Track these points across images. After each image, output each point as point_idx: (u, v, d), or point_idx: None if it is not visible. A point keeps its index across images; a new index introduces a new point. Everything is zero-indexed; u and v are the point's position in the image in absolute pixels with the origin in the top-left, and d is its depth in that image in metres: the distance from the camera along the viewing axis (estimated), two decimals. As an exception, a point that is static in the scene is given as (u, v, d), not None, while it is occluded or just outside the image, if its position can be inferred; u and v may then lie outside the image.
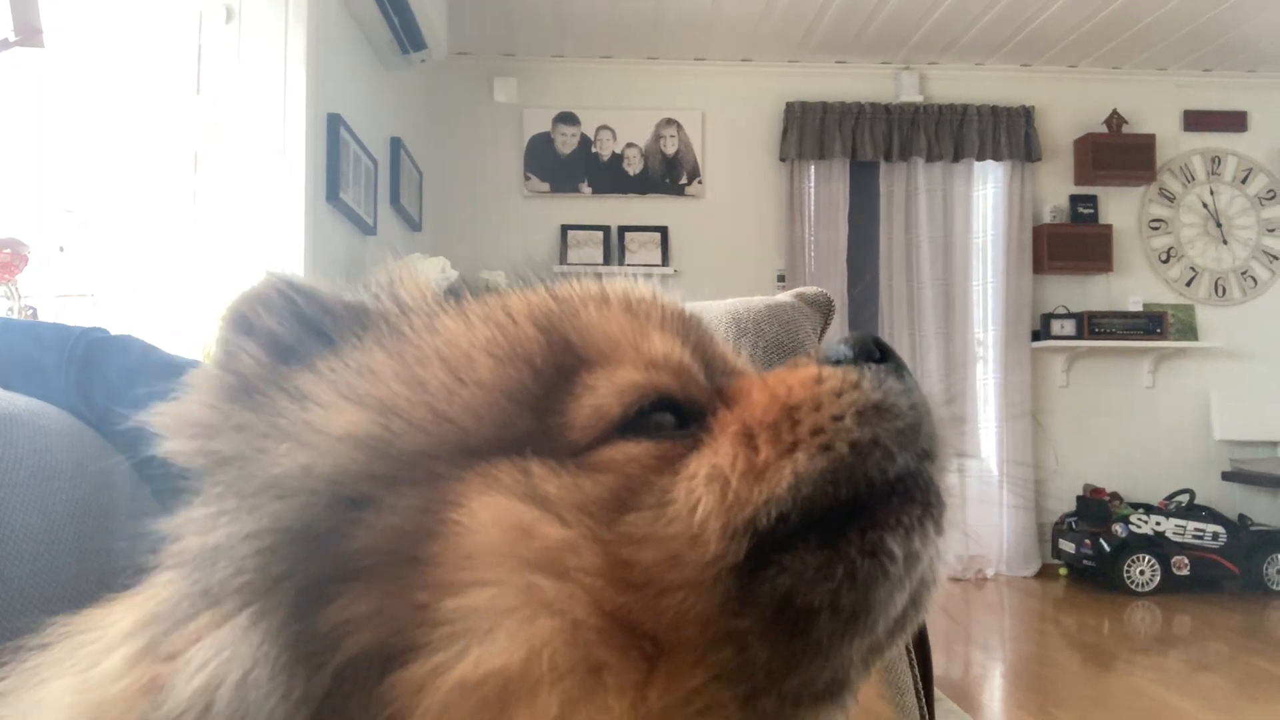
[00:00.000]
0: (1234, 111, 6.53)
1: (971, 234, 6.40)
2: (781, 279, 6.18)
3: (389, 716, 0.36)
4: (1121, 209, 6.47)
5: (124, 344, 1.11)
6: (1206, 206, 6.54)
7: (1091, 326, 6.23)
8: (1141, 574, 5.65)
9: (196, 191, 3.42)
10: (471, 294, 0.53)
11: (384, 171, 4.83)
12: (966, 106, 6.30)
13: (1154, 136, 6.38)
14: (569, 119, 6.28)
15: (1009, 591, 5.89)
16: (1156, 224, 6.52)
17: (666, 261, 6.16)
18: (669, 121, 6.32)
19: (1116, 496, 6.02)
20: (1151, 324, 6.27)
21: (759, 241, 6.30)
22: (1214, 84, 6.53)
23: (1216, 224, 6.54)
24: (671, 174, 6.31)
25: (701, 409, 0.46)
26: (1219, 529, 5.73)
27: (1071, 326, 6.28)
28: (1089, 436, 6.40)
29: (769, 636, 0.40)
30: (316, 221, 3.66)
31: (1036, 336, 6.34)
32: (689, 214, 6.28)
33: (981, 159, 6.33)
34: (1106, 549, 5.68)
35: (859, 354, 0.47)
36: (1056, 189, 6.47)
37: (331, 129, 3.82)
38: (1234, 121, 6.54)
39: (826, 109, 6.26)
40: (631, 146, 6.29)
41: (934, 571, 0.44)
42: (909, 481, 0.44)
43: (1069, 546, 6.00)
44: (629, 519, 0.41)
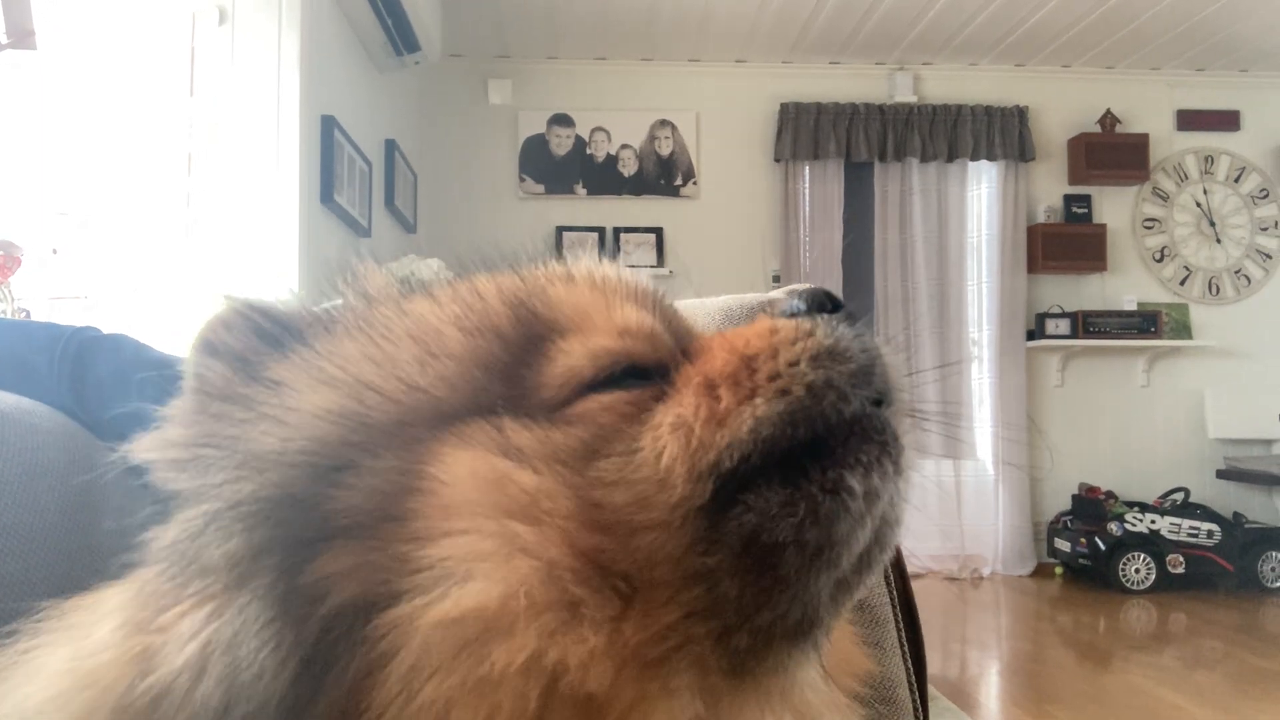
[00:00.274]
0: (1227, 111, 6.55)
1: (966, 234, 6.42)
2: (777, 279, 6.19)
3: (376, 658, 0.38)
4: (1115, 208, 6.49)
5: (116, 343, 1.10)
6: (1200, 206, 6.56)
7: (1086, 326, 6.25)
8: (1137, 572, 5.66)
9: (190, 194, 3.42)
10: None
11: (378, 173, 4.82)
12: (960, 107, 6.31)
13: (1147, 136, 6.40)
14: (564, 120, 6.28)
15: (1005, 590, 5.89)
16: (1150, 223, 6.54)
17: (662, 263, 6.16)
18: (663, 123, 6.32)
19: (1112, 495, 6.03)
20: (1146, 323, 6.28)
21: (754, 242, 6.30)
22: (1207, 83, 6.55)
23: (1210, 223, 6.55)
24: (666, 175, 6.32)
25: (668, 369, 0.48)
26: (1214, 527, 5.74)
27: (1066, 326, 6.29)
28: (1084, 435, 6.41)
29: (738, 573, 0.42)
30: (311, 223, 3.66)
31: (1031, 336, 6.35)
32: (684, 215, 6.28)
33: (976, 159, 6.34)
34: (1102, 547, 5.69)
35: (812, 306, 0.49)
36: (1050, 189, 6.48)
37: (325, 131, 3.82)
38: (1227, 121, 6.56)
39: (821, 110, 6.27)
40: (626, 148, 6.29)
41: (896, 511, 0.46)
42: (866, 422, 0.45)
43: (1065, 545, 6.01)
44: (599, 465, 0.43)
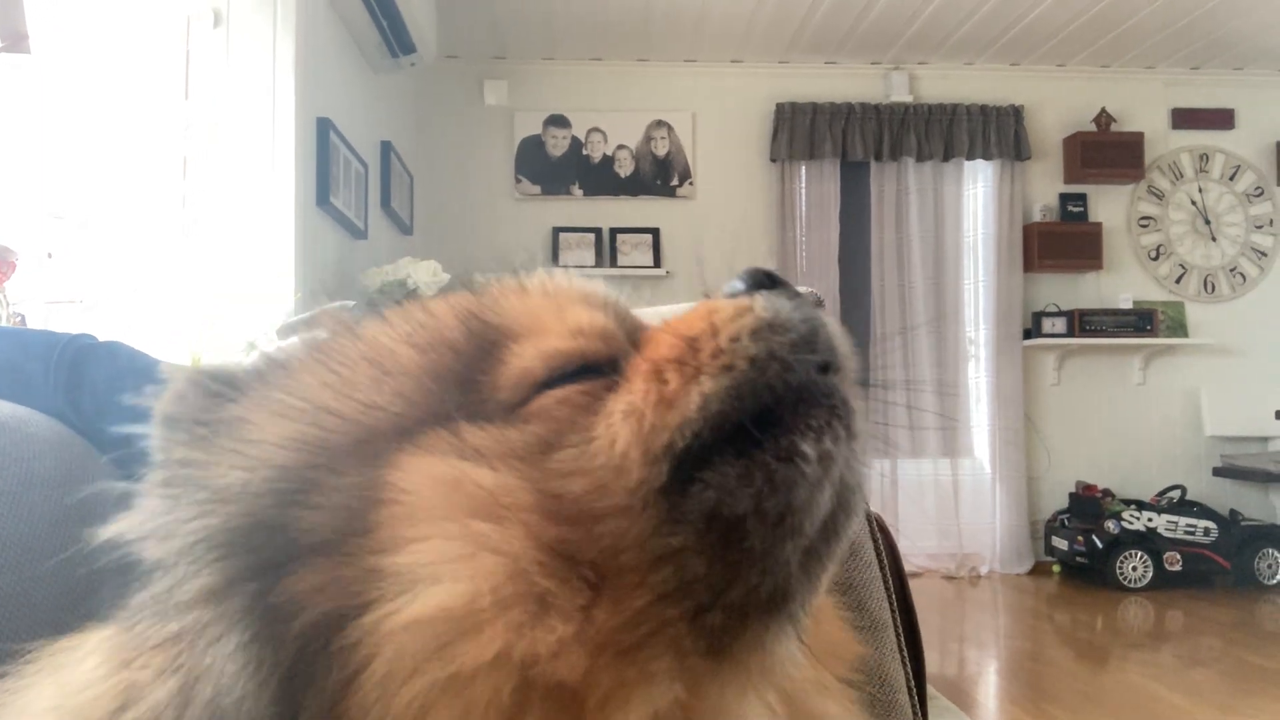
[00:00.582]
0: (1222, 109, 6.56)
1: (962, 233, 6.42)
2: (773, 279, 6.18)
3: (352, 667, 0.38)
4: (1111, 207, 6.50)
5: (112, 350, 1.10)
6: (1195, 204, 6.57)
7: (1082, 324, 6.26)
8: (1134, 570, 5.67)
9: (186, 197, 3.41)
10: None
11: (374, 175, 4.82)
12: (956, 106, 6.32)
13: (1142, 135, 6.41)
14: (559, 121, 6.28)
15: (1002, 589, 5.90)
16: (1146, 222, 6.55)
17: (658, 263, 6.16)
18: (659, 123, 6.32)
19: (1108, 493, 6.04)
20: (1142, 321, 6.29)
21: (751, 242, 6.30)
22: (1202, 82, 6.56)
23: (1205, 221, 6.57)
24: (663, 175, 6.32)
25: (621, 363, 0.49)
26: (1210, 524, 5.76)
27: (1062, 324, 6.30)
28: (1081, 434, 6.42)
29: (704, 550, 0.42)
30: (307, 226, 3.66)
31: (1028, 335, 6.36)
32: (680, 215, 6.28)
33: (971, 158, 6.35)
34: (1099, 545, 5.70)
35: (751, 285, 0.50)
36: (1046, 187, 6.49)
37: (321, 133, 3.81)
38: (1222, 119, 6.57)
39: (817, 109, 6.28)
40: (622, 148, 6.29)
41: (853, 475, 0.46)
42: (812, 389, 0.46)
43: (1062, 543, 6.02)
44: (556, 457, 0.44)
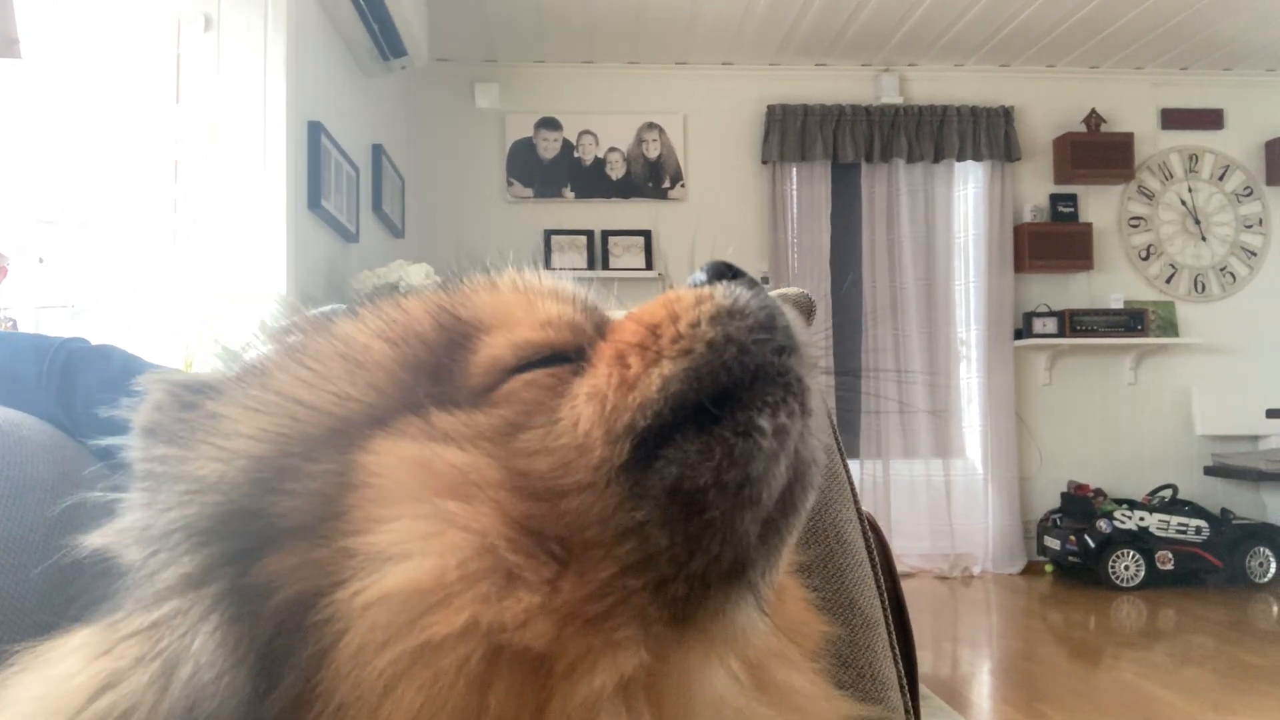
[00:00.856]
0: (1211, 109, 6.60)
1: (953, 234, 6.44)
2: (765, 281, 6.19)
3: (327, 644, 0.40)
4: (1101, 207, 6.53)
5: (105, 354, 1.10)
6: (1185, 204, 6.60)
7: (1073, 324, 6.28)
8: (1126, 569, 5.69)
9: (177, 201, 3.40)
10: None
11: (366, 179, 4.82)
12: (946, 107, 6.34)
13: (1132, 135, 6.44)
14: (551, 124, 6.28)
15: (995, 589, 5.92)
16: (1136, 222, 6.58)
17: (650, 265, 6.17)
18: (651, 125, 6.33)
19: (1100, 493, 6.06)
20: (1132, 321, 6.32)
21: (742, 244, 6.31)
22: (1191, 82, 6.59)
23: (1195, 221, 6.60)
24: (654, 178, 6.32)
25: (588, 352, 0.51)
26: (1202, 523, 5.78)
27: (1053, 325, 6.32)
28: (1072, 433, 6.44)
29: (666, 523, 0.44)
30: (298, 229, 3.65)
31: (1019, 335, 6.38)
32: (672, 217, 6.29)
33: (962, 159, 6.37)
34: (1091, 545, 5.72)
35: (712, 276, 0.52)
36: (1036, 188, 6.51)
37: (312, 136, 3.81)
38: (1211, 119, 6.60)
39: (807, 111, 6.29)
40: (614, 151, 6.30)
41: (809, 449, 0.48)
42: (768, 369, 0.48)
43: (1054, 543, 6.04)
44: (523, 437, 0.46)
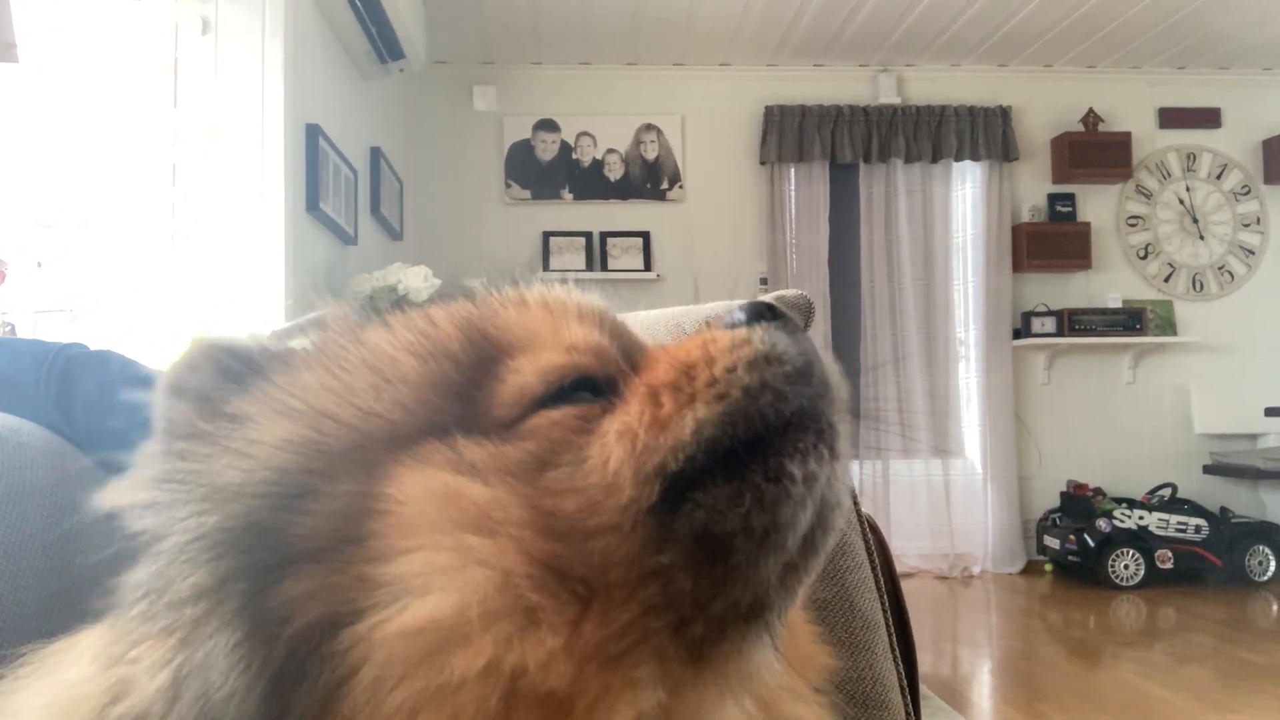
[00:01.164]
0: (1208, 108, 6.60)
1: (951, 234, 6.44)
2: (764, 282, 6.20)
3: (343, 672, 0.40)
4: (1099, 207, 6.53)
5: (103, 359, 1.10)
6: (1183, 203, 6.61)
7: (1072, 324, 6.28)
8: (1126, 568, 5.69)
9: (175, 204, 3.40)
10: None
11: (364, 181, 4.82)
12: (944, 107, 6.34)
13: (1130, 134, 6.44)
14: (549, 126, 6.28)
15: (995, 588, 5.92)
16: (1134, 221, 6.58)
17: (649, 267, 6.17)
18: (649, 127, 6.33)
19: (1100, 492, 6.06)
20: (1131, 320, 6.32)
21: (741, 245, 6.32)
22: (1188, 81, 6.59)
23: (1193, 220, 6.60)
24: (652, 179, 6.32)
25: (616, 382, 0.51)
26: (1201, 522, 5.78)
27: (1052, 324, 6.32)
28: (1071, 433, 6.45)
29: (691, 566, 0.44)
30: (297, 232, 3.65)
31: (1017, 335, 6.38)
32: (670, 219, 6.29)
33: (959, 159, 6.37)
34: (1091, 544, 5.72)
35: (751, 317, 0.51)
36: (1034, 188, 6.51)
37: (310, 139, 3.81)
38: (1208, 118, 6.60)
39: (805, 112, 6.29)
40: (612, 152, 6.30)
41: (834, 493, 0.48)
42: (803, 416, 0.48)
43: (1054, 542, 6.04)
44: (550, 475, 0.45)
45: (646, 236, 6.23)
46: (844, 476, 0.49)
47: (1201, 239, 6.61)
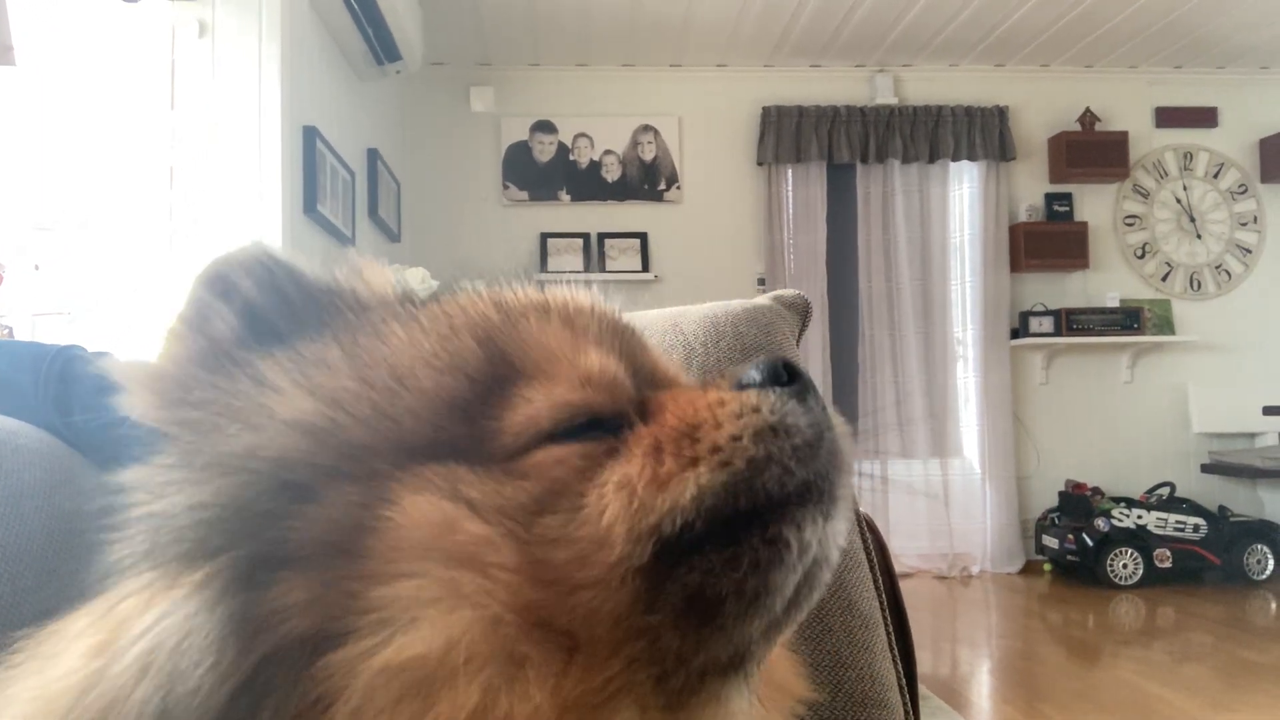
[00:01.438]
0: (1205, 107, 6.61)
1: (949, 234, 6.45)
2: (762, 282, 6.20)
3: (317, 697, 0.39)
4: (1096, 206, 6.54)
5: (102, 361, 1.10)
6: (1180, 202, 6.62)
7: (1069, 323, 6.28)
8: (1124, 567, 5.69)
9: (172, 206, 3.40)
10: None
11: (361, 183, 4.82)
12: (941, 108, 6.35)
13: (1127, 134, 6.45)
14: (546, 127, 6.28)
15: (994, 588, 5.92)
16: (1131, 220, 6.59)
17: (647, 267, 6.17)
18: (646, 128, 6.33)
19: (1098, 491, 6.07)
20: (1129, 319, 6.33)
21: (738, 245, 6.32)
22: (1184, 80, 6.60)
23: (1190, 219, 6.61)
24: (650, 180, 6.33)
25: (626, 419, 0.50)
26: (1200, 521, 5.78)
27: (1050, 324, 6.33)
28: (1069, 432, 6.45)
29: (679, 626, 0.44)
30: (294, 234, 3.65)
31: (1015, 334, 6.39)
32: (668, 220, 6.29)
33: (957, 159, 6.37)
34: (1089, 543, 5.72)
35: (767, 378, 0.50)
36: (1032, 187, 6.52)
37: (307, 141, 3.81)
38: (1205, 117, 6.61)
39: (803, 112, 6.30)
40: (609, 153, 6.30)
41: (825, 551, 0.48)
42: (806, 489, 0.47)
43: (1052, 542, 6.04)
44: (545, 521, 0.45)
45: (644, 237, 6.23)
46: (838, 534, 0.49)
47: (1199, 238, 6.61)
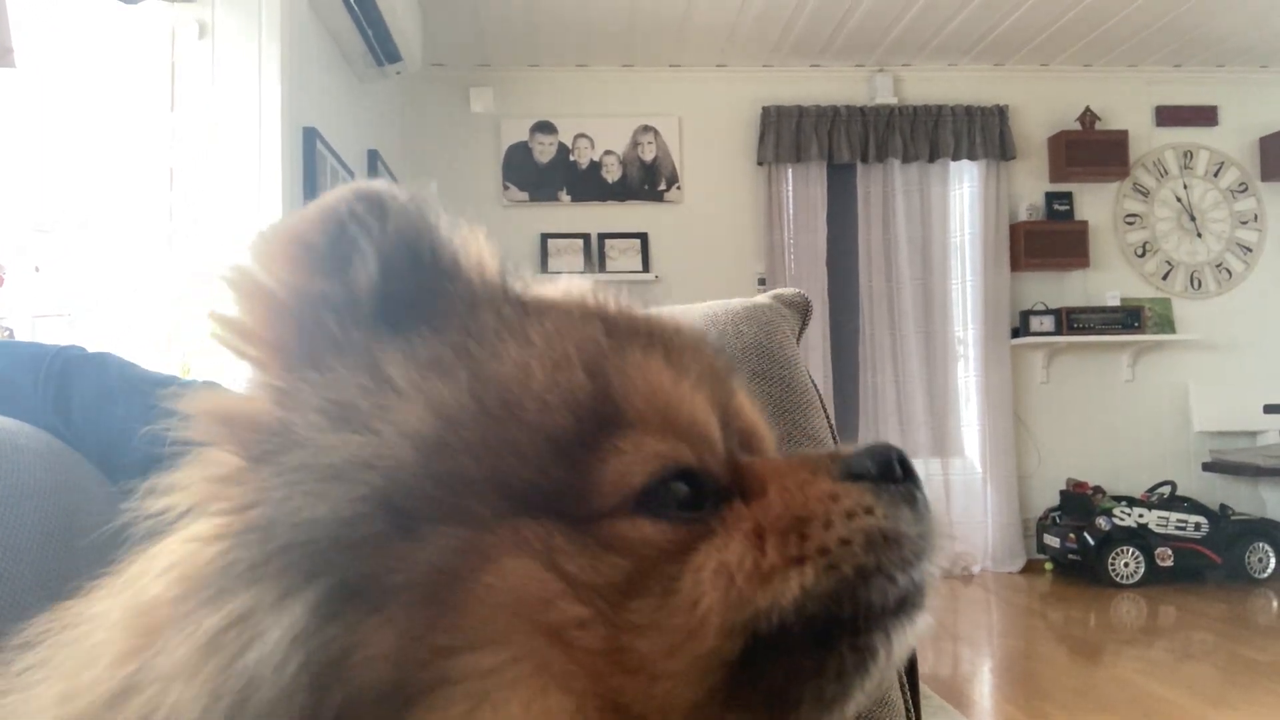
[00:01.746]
0: (1204, 106, 6.60)
1: (949, 233, 6.44)
2: (762, 282, 6.20)
3: None
4: (1096, 205, 6.53)
5: (101, 361, 1.10)
6: (1180, 201, 6.61)
7: (1070, 322, 6.28)
8: (1126, 566, 5.69)
9: (172, 207, 3.41)
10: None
11: (362, 184, 4.81)
12: (941, 107, 6.35)
13: (1127, 133, 6.44)
14: (546, 128, 6.28)
15: (995, 587, 5.92)
16: (1131, 219, 6.58)
17: (647, 268, 6.17)
18: (646, 128, 6.33)
19: (1099, 490, 6.06)
20: (1129, 318, 6.32)
21: (739, 246, 6.32)
22: (1184, 79, 6.60)
23: (1190, 218, 6.60)
24: (650, 180, 6.32)
25: (717, 486, 0.47)
26: (1201, 520, 5.78)
27: (1050, 323, 6.32)
28: (1070, 431, 6.45)
29: None
30: (295, 235, 3.64)
31: (1016, 333, 6.38)
32: (668, 220, 6.29)
33: (957, 159, 6.37)
34: (1091, 542, 5.72)
35: (880, 471, 0.48)
36: (1032, 187, 6.52)
37: (308, 142, 3.81)
38: (1205, 116, 6.61)
39: (803, 112, 6.30)
40: (609, 154, 6.30)
41: (904, 654, 0.47)
42: (906, 600, 0.46)
43: (1053, 541, 6.04)
44: (635, 604, 0.42)
45: (644, 238, 6.23)
46: (919, 631, 0.48)
47: (1199, 237, 6.61)
